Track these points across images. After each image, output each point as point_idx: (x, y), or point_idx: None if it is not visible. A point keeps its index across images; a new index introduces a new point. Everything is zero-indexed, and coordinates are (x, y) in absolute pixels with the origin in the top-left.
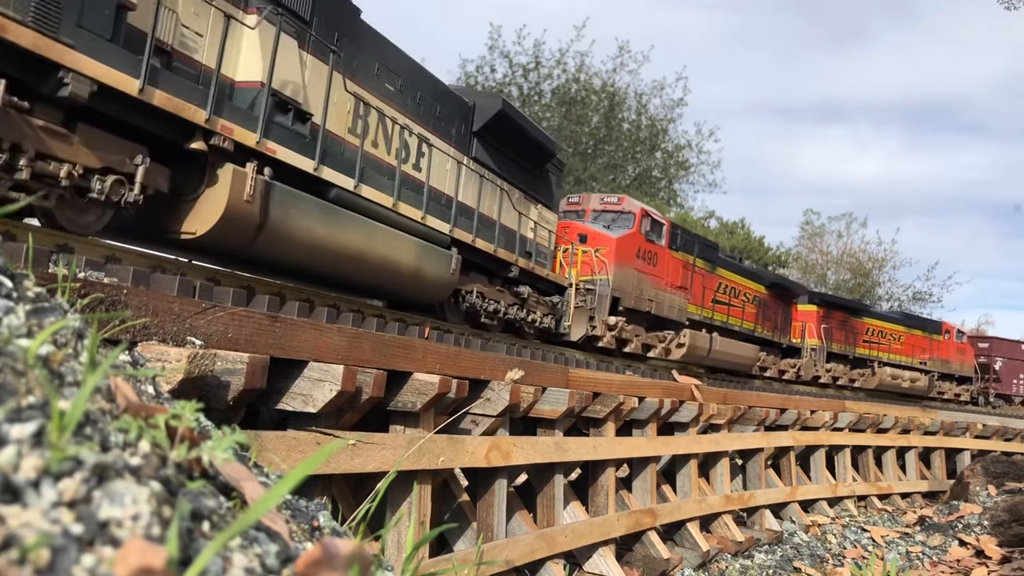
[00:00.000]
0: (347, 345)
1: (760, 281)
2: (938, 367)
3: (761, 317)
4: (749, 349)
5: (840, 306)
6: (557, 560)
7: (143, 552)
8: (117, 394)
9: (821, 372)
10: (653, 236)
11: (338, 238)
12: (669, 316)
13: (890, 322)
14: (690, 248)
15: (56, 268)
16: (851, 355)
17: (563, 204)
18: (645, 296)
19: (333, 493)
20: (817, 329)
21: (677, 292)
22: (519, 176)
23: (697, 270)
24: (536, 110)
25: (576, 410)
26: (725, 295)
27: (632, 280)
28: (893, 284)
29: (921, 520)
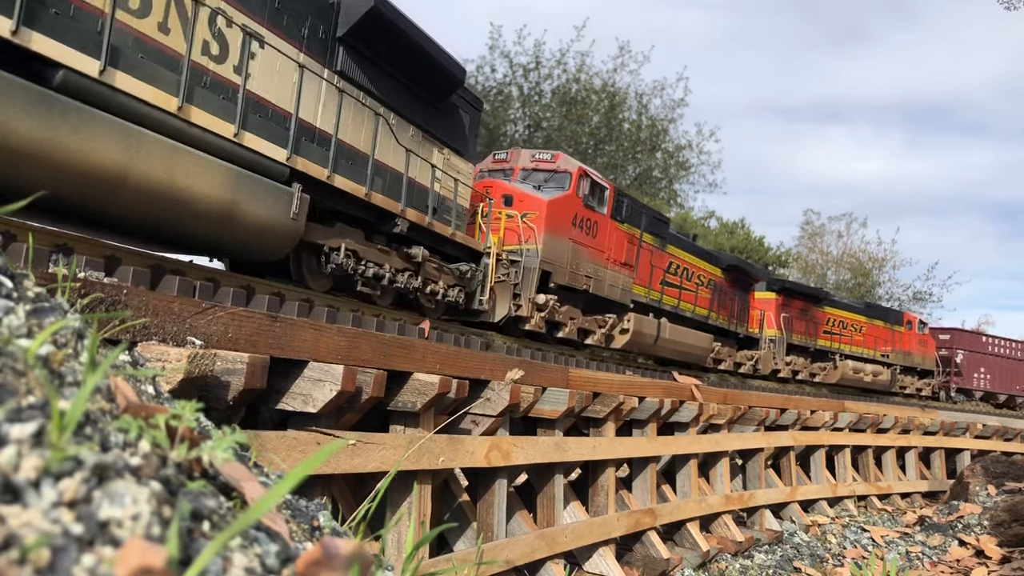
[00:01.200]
0: (347, 345)
1: (716, 263)
2: (900, 360)
3: (716, 303)
4: (702, 338)
5: (800, 294)
6: (557, 560)
7: (143, 552)
8: (117, 394)
9: (780, 365)
10: (593, 202)
11: (71, 147)
12: (611, 297)
13: (851, 312)
14: (637, 220)
15: (56, 268)
16: (812, 347)
17: (488, 162)
18: (582, 272)
19: (333, 493)
20: (776, 318)
21: (621, 269)
22: (412, 107)
23: (645, 245)
24: (536, 110)
25: (576, 410)
26: (676, 276)
27: (566, 252)
28: (893, 284)
29: (921, 520)
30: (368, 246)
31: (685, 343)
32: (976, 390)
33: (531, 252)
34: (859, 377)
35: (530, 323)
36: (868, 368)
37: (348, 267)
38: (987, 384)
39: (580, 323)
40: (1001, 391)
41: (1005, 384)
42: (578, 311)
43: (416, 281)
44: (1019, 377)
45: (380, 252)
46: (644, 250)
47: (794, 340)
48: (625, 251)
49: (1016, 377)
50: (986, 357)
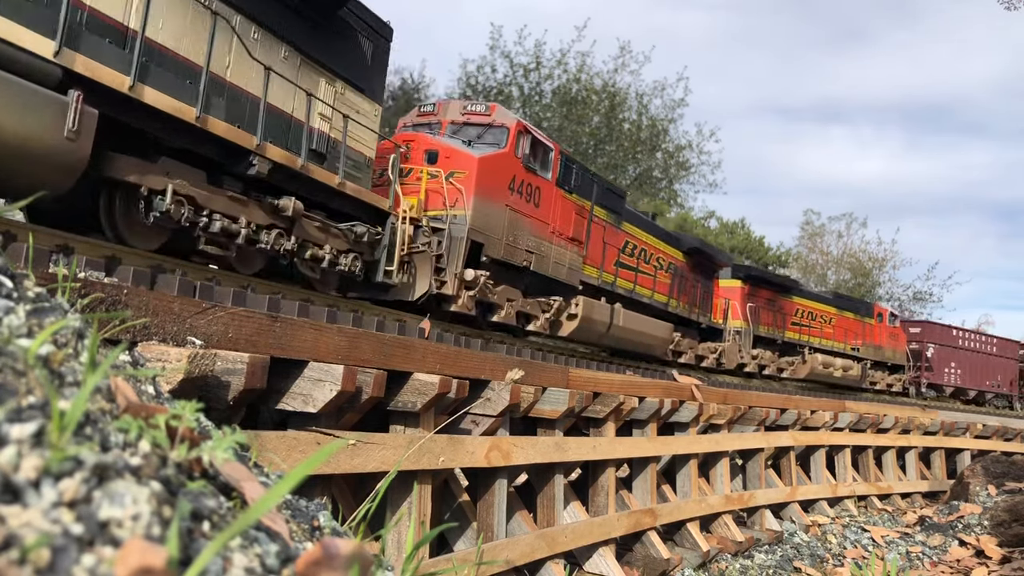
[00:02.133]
0: (347, 345)
1: (677, 245)
2: (871, 354)
3: (677, 289)
4: (661, 328)
5: (767, 282)
6: (557, 560)
7: (143, 552)
8: (117, 394)
9: (746, 359)
10: (536, 165)
11: None
12: (556, 277)
13: (821, 302)
14: (588, 190)
15: (56, 268)
16: (780, 339)
17: (412, 115)
18: (521, 245)
19: (333, 493)
20: (742, 308)
21: (568, 246)
22: (284, 21)
23: (597, 221)
24: (537, 110)
25: (576, 410)
26: (633, 257)
27: (502, 221)
28: (893, 284)
29: (921, 520)
30: (212, 192)
31: (642, 332)
32: (947, 385)
33: (458, 219)
34: (829, 372)
35: (456, 303)
36: (838, 362)
37: (181, 217)
38: (957, 379)
39: (519, 306)
40: (971, 386)
41: (975, 379)
42: (517, 292)
43: (287, 242)
44: (989, 372)
45: (232, 201)
46: (596, 225)
47: (761, 332)
48: (573, 225)
49: (986, 372)
50: (956, 351)
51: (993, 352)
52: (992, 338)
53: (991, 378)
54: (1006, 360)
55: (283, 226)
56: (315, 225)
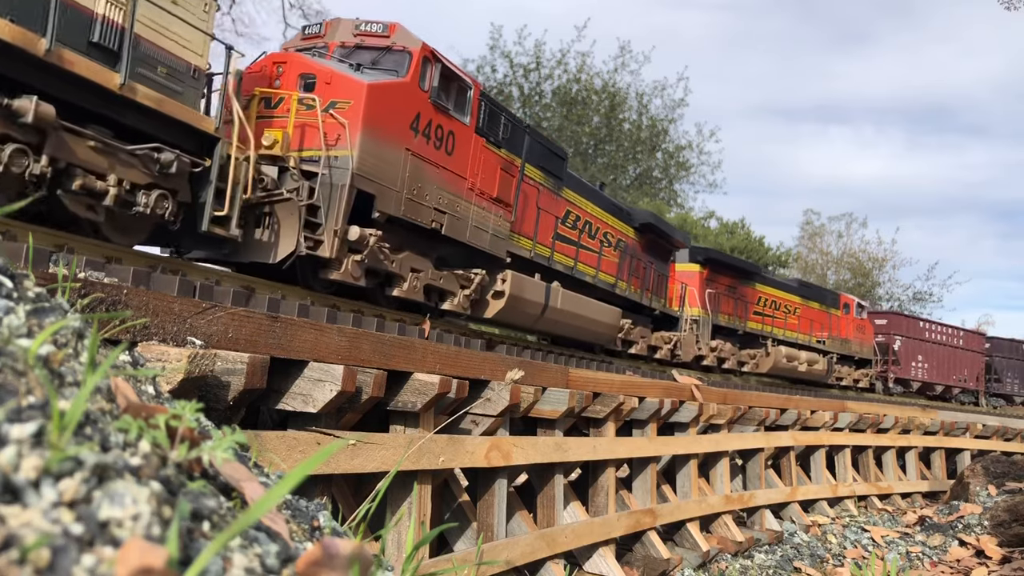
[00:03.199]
0: (347, 345)
1: (627, 220)
2: (837, 347)
3: (627, 270)
4: (608, 313)
5: (728, 267)
6: (557, 560)
7: (143, 552)
8: (117, 394)
9: (704, 351)
10: (448, 103)
11: None
12: (476, 244)
13: (785, 291)
14: (518, 145)
15: (56, 268)
16: (741, 330)
17: (296, 39)
18: (429, 201)
19: (333, 493)
20: (700, 295)
21: (493, 208)
22: None
23: (531, 182)
24: (537, 110)
25: (576, 410)
26: (575, 230)
27: (400, 167)
28: (893, 284)
29: (921, 520)
30: None
31: (584, 316)
32: (913, 380)
33: (340, 161)
34: (793, 366)
35: (338, 271)
36: (803, 356)
37: None
38: (924, 374)
39: (429, 279)
40: (938, 381)
41: (942, 374)
42: (426, 262)
43: (35, 162)
44: (955, 366)
45: None
46: (529, 187)
47: (721, 321)
48: (499, 183)
49: (952, 366)
50: (923, 344)
51: (960, 345)
52: (958, 330)
53: (958, 372)
54: (972, 354)
55: (25, 139)
56: (88, 144)
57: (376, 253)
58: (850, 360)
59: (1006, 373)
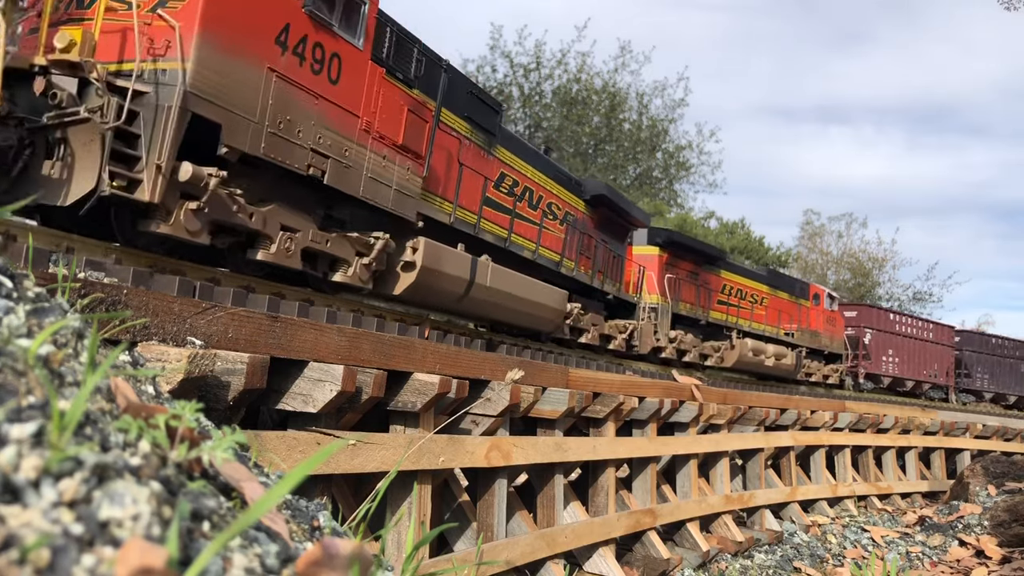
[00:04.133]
0: (347, 345)
1: (578, 192)
2: (806, 340)
3: (575, 247)
4: (550, 295)
5: (691, 251)
6: (557, 560)
7: (143, 552)
8: (117, 394)
9: (663, 342)
10: (331, 17)
11: None
12: (373, 200)
13: (752, 279)
14: (432, 85)
15: (56, 268)
16: (703, 319)
17: None
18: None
19: (333, 493)
20: (659, 280)
21: (398, 158)
22: None
23: (451, 132)
24: (537, 110)
25: (576, 410)
26: (511, 196)
27: (258, 90)
28: (893, 284)
29: (921, 520)
30: None
31: (522, 298)
32: (884, 375)
33: (168, 75)
34: (759, 360)
35: (165, 222)
36: (770, 349)
37: None
38: (895, 369)
39: (310, 241)
40: (908, 376)
41: (913, 369)
42: (304, 218)
43: None
44: (926, 361)
45: None
46: (449, 138)
47: (682, 310)
48: (407, 128)
49: (923, 361)
50: (894, 338)
51: (930, 339)
52: (928, 323)
53: (928, 367)
54: (942, 347)
55: None
56: None
57: (222, 201)
58: (819, 354)
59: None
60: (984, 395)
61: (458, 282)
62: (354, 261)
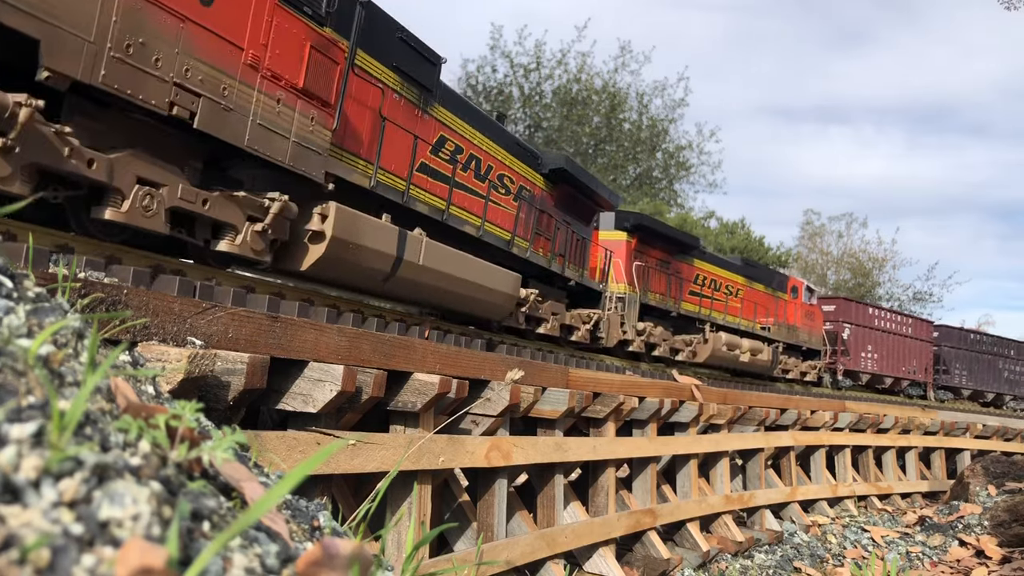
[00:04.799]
0: (347, 345)
1: (535, 165)
2: (783, 335)
3: (530, 226)
4: (498, 277)
5: (662, 238)
6: (557, 560)
7: (143, 552)
8: (117, 394)
9: (631, 334)
10: None
11: None
12: (265, 152)
13: (727, 269)
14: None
15: (56, 268)
16: (674, 311)
17: None
18: (162, 70)
19: (333, 493)
20: (627, 268)
21: (299, 104)
22: None
23: (372, 81)
24: (537, 110)
25: (576, 410)
26: (451, 163)
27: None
28: (893, 284)
29: (921, 520)
30: None
31: (463, 280)
32: (863, 372)
33: None
34: (734, 355)
35: None
36: (745, 344)
37: None
38: (874, 365)
39: (179, 199)
40: (888, 373)
41: (891, 365)
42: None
43: None
44: (905, 357)
45: None
46: (369, 87)
47: (651, 300)
48: (309, 67)
49: (902, 357)
50: (873, 333)
51: (909, 334)
52: (907, 318)
53: (907, 364)
54: (921, 343)
55: None
56: None
57: (45, 140)
58: (797, 350)
59: (954, 364)
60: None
61: (382, 258)
62: (244, 227)
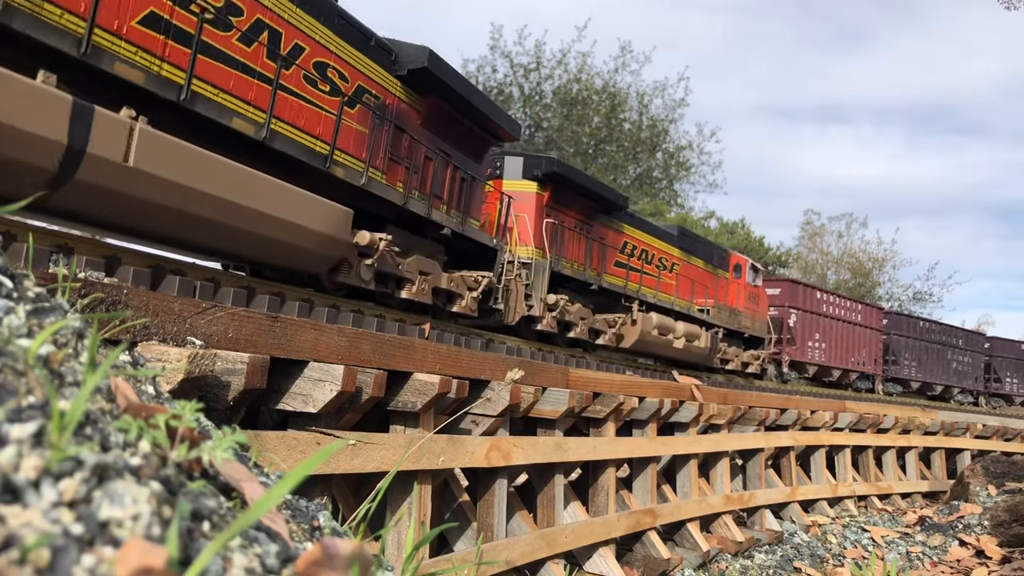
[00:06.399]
0: (347, 345)
1: (388, 65)
2: (724, 319)
3: (380, 146)
4: (308, 208)
5: (582, 192)
6: (557, 560)
7: (143, 552)
8: (117, 394)
9: (539, 309)
10: None
11: None
12: None
13: (661, 239)
14: None
15: (56, 268)
16: (596, 284)
17: None
18: None
19: (333, 493)
20: (536, 226)
21: None
22: None
23: None
24: (537, 110)
25: (576, 410)
26: (202, 20)
27: None
28: (893, 284)
29: (921, 520)
30: None
31: (228, 203)
32: (810, 363)
33: None
34: (666, 341)
35: None
36: (680, 328)
37: None
38: (822, 355)
39: None
40: (836, 365)
41: (840, 356)
42: None
43: None
44: (854, 347)
45: None
46: None
47: (566, 269)
48: None
49: (851, 346)
50: (821, 320)
51: (858, 321)
52: (857, 303)
53: (856, 354)
54: (871, 331)
55: None
56: None
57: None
58: (739, 337)
59: (903, 354)
60: (911, 384)
61: (31, 144)
62: None
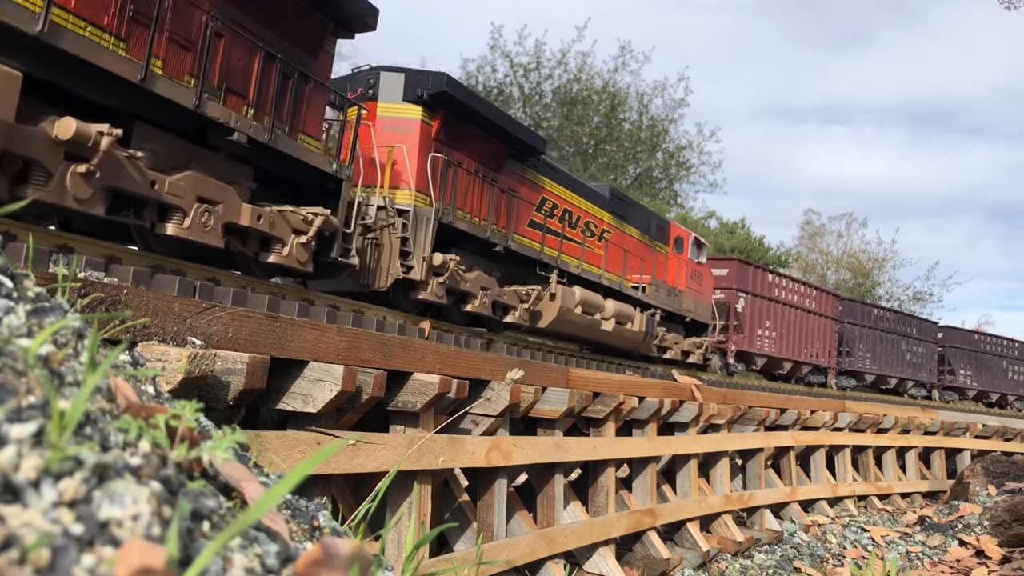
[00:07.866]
0: (347, 345)
1: None
2: (662, 300)
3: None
4: None
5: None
6: (557, 560)
7: (143, 552)
8: (117, 394)
9: (419, 272)
10: None
11: None
12: None
13: (589, 200)
14: None
15: (56, 268)
16: (503, 245)
17: None
18: None
19: (333, 493)
20: (420, 164)
21: None
22: None
23: None
24: (537, 110)
25: (576, 410)
26: None
27: None
28: (893, 284)
29: (921, 520)
30: None
31: None
32: (759, 354)
33: None
34: (592, 322)
35: None
36: (609, 307)
37: None
38: (772, 345)
39: None
40: (787, 356)
41: (791, 346)
42: None
43: None
44: (807, 336)
45: None
46: None
47: (459, 222)
48: None
49: (804, 336)
50: (772, 305)
51: (813, 309)
52: (812, 289)
53: (810, 345)
54: (826, 320)
55: None
56: None
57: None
58: (679, 321)
59: (857, 345)
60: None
61: None
62: None
